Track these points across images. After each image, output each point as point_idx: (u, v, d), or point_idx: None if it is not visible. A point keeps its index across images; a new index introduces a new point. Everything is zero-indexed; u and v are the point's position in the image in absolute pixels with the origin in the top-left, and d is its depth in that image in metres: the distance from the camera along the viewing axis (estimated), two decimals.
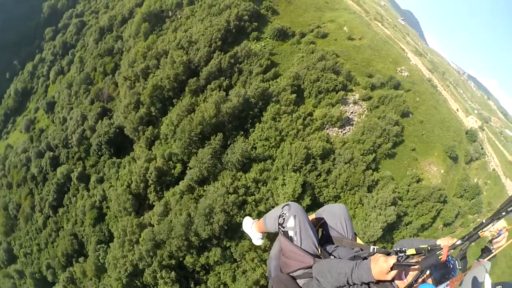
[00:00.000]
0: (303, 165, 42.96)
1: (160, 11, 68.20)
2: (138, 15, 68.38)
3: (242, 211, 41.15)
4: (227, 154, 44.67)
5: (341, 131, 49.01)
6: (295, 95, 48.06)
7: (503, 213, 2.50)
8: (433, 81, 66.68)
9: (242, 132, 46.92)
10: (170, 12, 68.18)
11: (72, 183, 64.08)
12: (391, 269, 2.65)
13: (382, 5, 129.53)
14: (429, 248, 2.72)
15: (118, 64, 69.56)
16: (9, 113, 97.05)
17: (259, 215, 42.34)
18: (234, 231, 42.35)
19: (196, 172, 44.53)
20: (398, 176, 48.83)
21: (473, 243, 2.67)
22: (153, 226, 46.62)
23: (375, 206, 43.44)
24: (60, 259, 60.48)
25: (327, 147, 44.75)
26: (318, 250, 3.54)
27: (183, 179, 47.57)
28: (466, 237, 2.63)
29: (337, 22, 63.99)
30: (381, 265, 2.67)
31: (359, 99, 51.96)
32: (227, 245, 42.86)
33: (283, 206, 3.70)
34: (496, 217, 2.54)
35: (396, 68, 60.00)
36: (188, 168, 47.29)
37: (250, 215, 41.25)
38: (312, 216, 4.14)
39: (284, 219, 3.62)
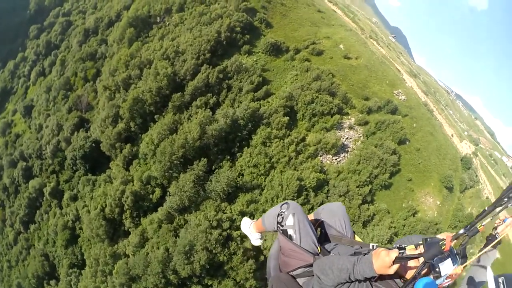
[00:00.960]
0: (295, 198, 37.69)
1: (148, 16, 62.08)
2: (124, 19, 62.15)
3: (226, 249, 35.62)
4: (211, 181, 39.13)
5: (336, 159, 43.98)
6: (287, 118, 42.76)
7: (505, 199, 2.31)
8: (429, 105, 62.41)
9: (228, 157, 41.39)
10: (158, 18, 62.12)
11: (44, 198, 57.50)
12: (393, 263, 2.45)
13: (373, 21, 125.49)
14: (428, 240, 2.46)
15: (100, 70, 63.13)
16: None
17: (245, 252, 37.07)
18: (217, 269, 36.92)
19: (176, 200, 38.86)
20: (394, 208, 44.11)
21: (473, 236, 2.49)
22: (128, 256, 40.83)
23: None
24: (30, 280, 54.04)
25: (321, 178, 39.59)
26: (317, 248, 3.36)
27: (162, 205, 41.92)
28: (469, 226, 2.44)
29: (333, 39, 59.06)
30: (383, 259, 2.48)
31: (355, 124, 47.04)
32: (208, 284, 37.37)
33: (282, 205, 3.54)
34: (498, 203, 2.36)
35: (393, 91, 55.38)
36: (168, 193, 41.63)
37: (235, 253, 35.93)
38: (310, 215, 3.96)
39: (283, 217, 3.46)
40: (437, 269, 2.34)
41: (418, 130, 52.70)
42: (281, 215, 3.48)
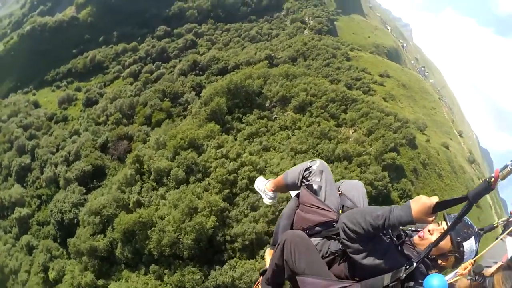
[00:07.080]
0: None
1: (257, 93, 43.22)
2: (226, 80, 43.99)
3: None
4: None
5: None
6: None
7: None
8: None
9: None
10: (268, 102, 43.12)
11: (11, 214, 40.83)
12: (433, 210, 2.05)
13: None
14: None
15: (170, 117, 45.68)
16: (73, 72, 78.02)
17: None
18: None
19: None
20: None
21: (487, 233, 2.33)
22: None
23: None
24: None
25: None
26: (340, 210, 2.91)
27: None
28: None
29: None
30: (423, 203, 2.09)
31: None
32: None
33: (311, 161, 3.12)
34: None
35: None
36: None
37: None
38: None
39: (310, 172, 3.02)
40: (461, 248, 2.29)
41: None
42: (309, 169, 3.03)
